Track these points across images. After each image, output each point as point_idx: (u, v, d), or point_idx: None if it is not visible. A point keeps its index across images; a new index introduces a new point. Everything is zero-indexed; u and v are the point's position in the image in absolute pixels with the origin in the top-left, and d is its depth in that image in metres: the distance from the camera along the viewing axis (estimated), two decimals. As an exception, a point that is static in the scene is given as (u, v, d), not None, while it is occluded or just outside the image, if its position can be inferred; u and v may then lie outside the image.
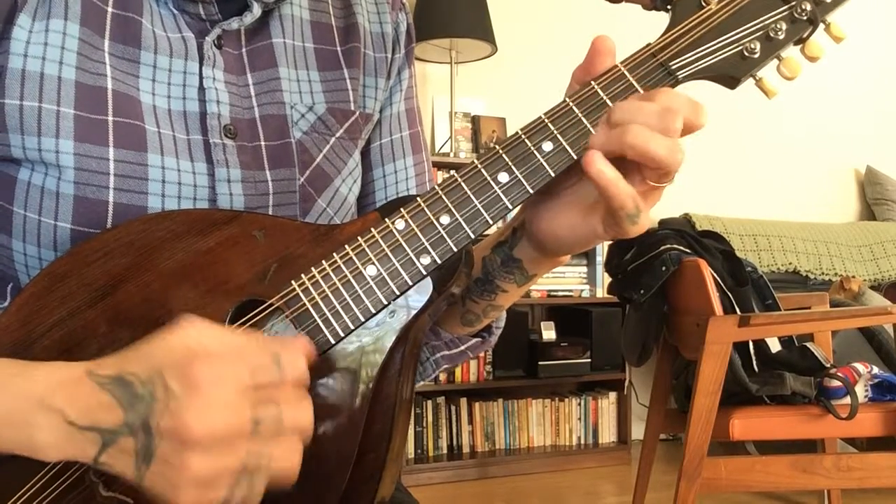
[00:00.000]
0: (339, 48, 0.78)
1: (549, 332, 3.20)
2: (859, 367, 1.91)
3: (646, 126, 0.54)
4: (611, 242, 2.39)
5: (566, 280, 3.26)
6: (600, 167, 0.54)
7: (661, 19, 0.62)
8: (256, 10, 0.71)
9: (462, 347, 0.78)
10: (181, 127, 0.68)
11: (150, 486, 0.47)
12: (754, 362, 1.98)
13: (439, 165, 3.03)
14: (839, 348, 2.38)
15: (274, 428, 0.48)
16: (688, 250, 2.06)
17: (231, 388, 0.46)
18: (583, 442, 3.28)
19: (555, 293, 3.24)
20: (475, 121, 3.34)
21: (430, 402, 3.08)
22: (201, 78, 0.69)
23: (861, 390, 1.87)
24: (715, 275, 2.00)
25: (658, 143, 0.53)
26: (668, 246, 2.05)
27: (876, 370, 1.92)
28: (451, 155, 3.16)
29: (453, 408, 3.13)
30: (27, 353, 0.56)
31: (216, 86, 0.69)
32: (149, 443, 0.47)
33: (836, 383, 1.83)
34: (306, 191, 0.73)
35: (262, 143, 0.71)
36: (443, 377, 3.04)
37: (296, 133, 0.73)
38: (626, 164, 0.56)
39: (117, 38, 0.67)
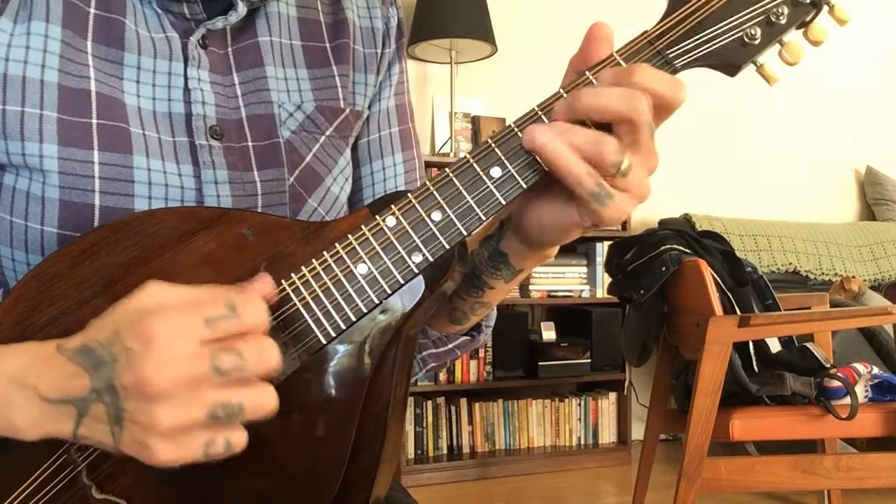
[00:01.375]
0: (327, 45, 0.78)
1: (549, 333, 3.20)
2: (859, 367, 1.90)
3: (611, 112, 0.53)
4: (611, 243, 2.39)
5: (566, 280, 3.26)
6: (538, 139, 0.53)
7: (661, 8, 0.61)
8: (242, 9, 0.70)
9: (450, 346, 0.77)
10: (166, 129, 0.67)
11: (128, 448, 0.47)
12: (754, 362, 1.98)
13: (439, 166, 3.02)
14: (839, 348, 2.38)
15: (238, 374, 0.47)
16: (688, 250, 2.06)
17: (187, 338, 0.46)
18: (583, 442, 3.28)
19: (555, 293, 3.23)
20: (475, 121, 3.33)
21: (430, 403, 3.08)
22: (186, 79, 0.68)
23: (861, 390, 1.87)
24: (715, 275, 1.99)
25: (581, 137, 0.53)
26: (668, 246, 2.04)
27: (876, 370, 1.91)
28: (451, 155, 3.16)
29: (453, 408, 3.12)
30: None
31: (201, 86, 0.69)
32: (116, 403, 0.47)
33: (836, 383, 1.83)
34: (296, 191, 0.72)
35: (250, 143, 0.71)
36: (443, 377, 3.04)
37: (284, 132, 0.72)
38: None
39: (100, 39, 0.66)
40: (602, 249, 3.20)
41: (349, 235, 0.57)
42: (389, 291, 0.57)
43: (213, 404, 0.46)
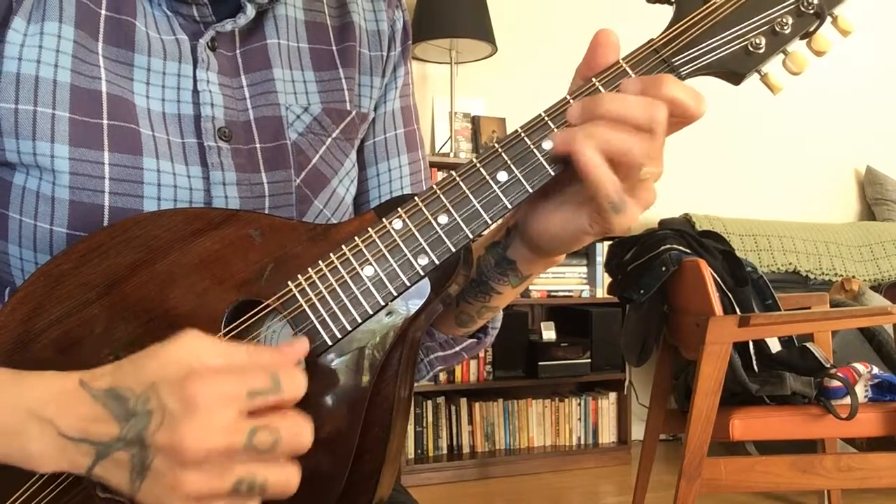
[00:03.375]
0: (334, 48, 0.78)
1: (549, 333, 3.20)
2: (859, 367, 1.90)
3: (630, 120, 0.53)
4: (611, 242, 2.39)
5: (566, 280, 3.26)
6: (583, 150, 0.53)
7: (664, 16, 0.61)
8: (250, 12, 0.71)
9: (457, 348, 0.78)
10: (175, 130, 0.68)
11: (144, 500, 0.47)
12: (754, 362, 1.98)
13: (439, 166, 3.02)
14: (839, 348, 2.38)
15: (270, 450, 0.47)
16: (688, 250, 2.06)
17: (229, 408, 0.46)
18: (583, 442, 3.28)
19: (555, 293, 3.23)
20: (475, 121, 3.33)
21: (430, 402, 3.08)
22: (195, 81, 0.69)
23: (861, 390, 1.87)
24: (715, 275, 1.99)
25: (627, 140, 0.53)
26: (668, 246, 2.04)
27: (876, 370, 1.92)
28: (451, 155, 3.16)
29: (453, 408, 3.12)
30: (25, 352, 0.56)
31: (210, 88, 0.69)
32: (144, 457, 0.47)
33: (836, 383, 1.83)
34: (303, 192, 0.72)
35: (258, 145, 0.71)
36: (443, 377, 3.04)
37: (291, 134, 0.73)
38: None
39: (111, 41, 0.66)
40: (602, 249, 3.20)
41: (356, 238, 0.58)
42: (395, 294, 0.57)
43: (239, 478, 0.47)
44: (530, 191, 0.57)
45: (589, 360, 3.17)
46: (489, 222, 0.58)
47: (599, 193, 0.54)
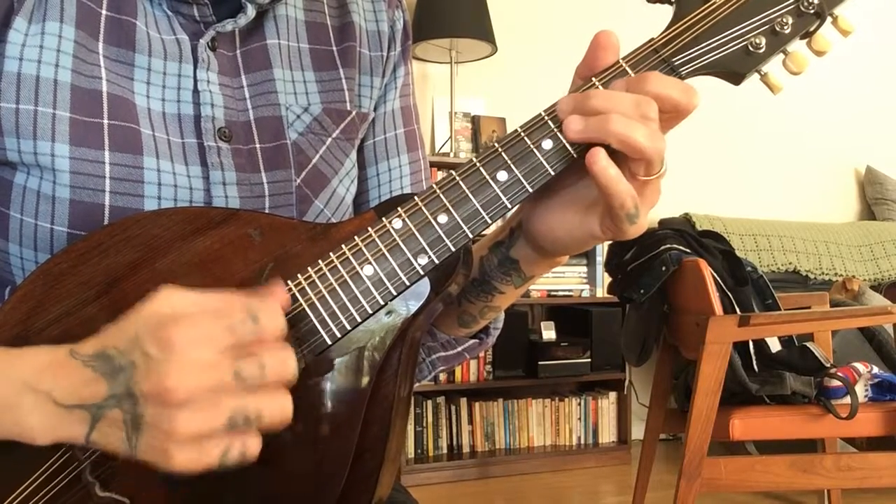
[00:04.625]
0: (334, 48, 0.78)
1: (549, 332, 3.20)
2: (859, 367, 1.91)
3: (623, 115, 0.53)
4: (611, 242, 2.39)
5: (566, 280, 3.26)
6: (604, 164, 0.54)
7: (664, 16, 0.61)
8: (251, 12, 0.71)
9: (459, 349, 0.78)
10: (176, 130, 0.68)
11: (145, 454, 0.47)
12: (754, 362, 1.98)
13: (439, 165, 3.02)
14: (839, 348, 2.38)
15: (258, 381, 0.47)
16: (688, 250, 2.06)
17: (208, 345, 0.46)
18: (583, 442, 3.28)
19: (555, 293, 3.24)
20: (475, 121, 3.33)
21: (430, 402, 3.08)
22: (195, 81, 0.69)
23: (861, 390, 1.87)
24: (715, 275, 1.99)
25: (639, 132, 0.53)
26: (668, 246, 2.04)
27: (876, 370, 1.92)
28: (451, 155, 3.16)
29: (453, 408, 3.12)
30: None
31: (210, 88, 0.69)
32: (135, 410, 0.47)
33: (836, 383, 1.83)
34: (303, 192, 0.72)
35: (258, 145, 0.71)
36: (443, 377, 3.04)
37: (291, 134, 0.73)
38: (612, 158, 0.55)
39: (111, 40, 0.66)
40: (602, 249, 3.20)
41: (355, 237, 0.58)
42: (395, 293, 0.57)
43: (233, 411, 0.47)
44: (530, 190, 0.57)
45: (589, 360, 3.17)
46: (489, 222, 0.58)
47: (616, 204, 0.55)
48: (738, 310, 2.05)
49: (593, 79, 0.58)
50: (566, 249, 0.63)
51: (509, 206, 0.58)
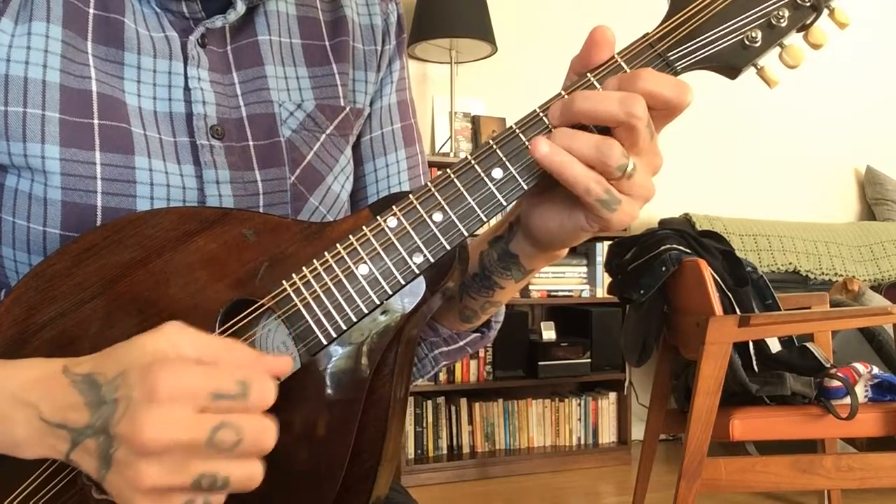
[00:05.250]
0: (327, 43, 0.77)
1: (549, 332, 3.20)
2: (859, 367, 1.90)
3: (606, 117, 0.53)
4: (611, 242, 2.39)
5: (566, 280, 3.26)
6: (545, 151, 0.53)
7: (663, 14, 0.61)
8: (241, 8, 0.70)
9: (461, 343, 0.77)
10: (167, 129, 0.67)
11: (111, 490, 0.47)
12: (754, 362, 1.98)
13: (439, 165, 3.02)
14: (839, 348, 2.38)
15: (232, 448, 0.46)
16: (688, 250, 2.05)
17: (191, 404, 0.45)
18: (583, 442, 3.28)
19: (555, 293, 3.23)
20: (475, 121, 3.33)
21: (430, 402, 3.07)
22: (186, 78, 0.68)
23: (861, 390, 1.87)
24: (715, 275, 1.99)
25: (582, 143, 0.53)
26: (668, 246, 2.04)
27: (876, 370, 1.91)
28: (451, 155, 3.16)
29: (453, 408, 3.12)
30: (20, 352, 0.56)
31: (201, 86, 0.68)
32: (107, 448, 0.46)
33: (836, 383, 1.83)
34: (297, 190, 0.72)
35: (251, 142, 0.70)
36: (443, 377, 3.04)
37: (285, 131, 0.72)
38: None
39: (100, 39, 0.66)
40: (602, 249, 3.20)
41: (350, 236, 0.57)
42: (390, 292, 0.57)
43: (200, 474, 0.45)
44: (525, 188, 0.57)
45: (589, 360, 3.17)
46: (484, 220, 0.58)
47: (580, 191, 0.54)
48: (738, 310, 2.05)
49: (588, 74, 0.58)
50: (560, 243, 0.63)
51: (504, 203, 0.57)
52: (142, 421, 0.44)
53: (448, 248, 0.57)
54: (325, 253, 0.57)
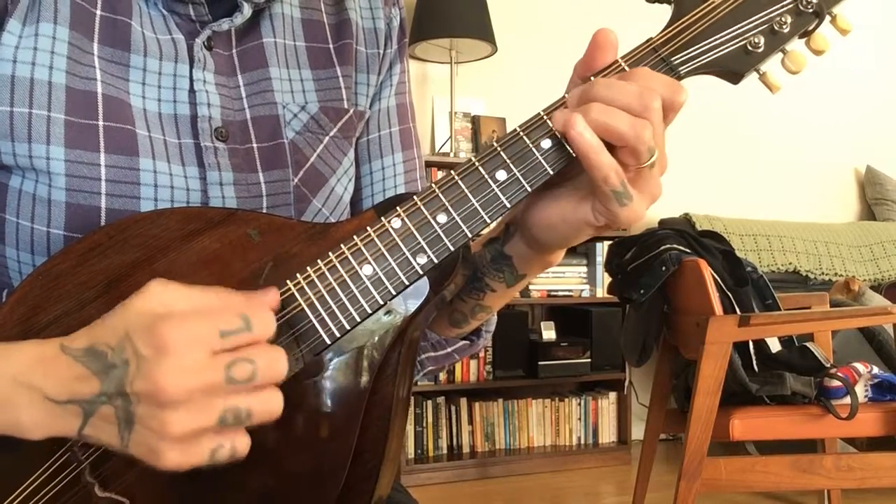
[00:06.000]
0: (331, 46, 0.78)
1: (549, 332, 3.20)
2: (859, 367, 1.90)
3: (623, 107, 0.53)
4: (611, 242, 2.39)
5: (566, 280, 3.26)
6: (580, 129, 0.53)
7: (665, 16, 0.61)
8: (247, 11, 0.71)
9: (449, 349, 0.77)
10: (172, 130, 0.68)
11: (136, 450, 0.48)
12: (754, 362, 1.98)
13: (439, 165, 3.03)
14: (839, 348, 2.38)
15: (249, 380, 0.48)
16: (688, 250, 2.06)
17: (200, 348, 0.46)
18: (583, 442, 3.28)
19: (555, 293, 3.24)
20: (475, 121, 3.33)
21: (430, 402, 3.08)
22: (192, 80, 0.68)
23: (861, 390, 1.87)
24: (715, 275, 1.99)
25: (619, 118, 0.53)
26: (668, 246, 2.04)
27: (876, 370, 1.92)
28: (452, 155, 3.16)
29: (453, 408, 3.12)
30: None
31: (207, 88, 0.69)
32: (127, 407, 0.47)
33: (836, 383, 1.83)
34: (300, 191, 0.72)
35: (255, 144, 0.71)
36: (443, 377, 3.04)
37: (288, 133, 0.72)
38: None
39: (106, 41, 0.66)
40: (602, 249, 3.20)
41: (354, 237, 0.57)
42: (394, 293, 0.57)
43: (223, 411, 0.47)
44: (529, 190, 0.58)
45: (589, 360, 3.17)
46: (488, 221, 0.58)
47: (599, 177, 0.54)
48: (738, 310, 2.05)
49: (592, 78, 0.58)
50: (561, 240, 0.63)
51: (508, 205, 0.57)
52: (158, 373, 0.45)
53: (452, 249, 0.57)
54: (330, 253, 0.57)
